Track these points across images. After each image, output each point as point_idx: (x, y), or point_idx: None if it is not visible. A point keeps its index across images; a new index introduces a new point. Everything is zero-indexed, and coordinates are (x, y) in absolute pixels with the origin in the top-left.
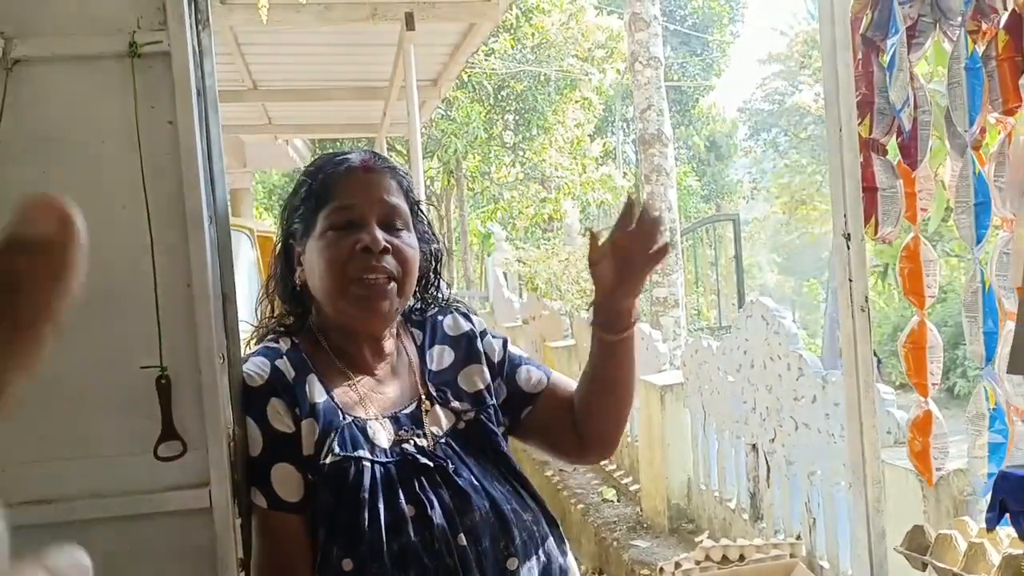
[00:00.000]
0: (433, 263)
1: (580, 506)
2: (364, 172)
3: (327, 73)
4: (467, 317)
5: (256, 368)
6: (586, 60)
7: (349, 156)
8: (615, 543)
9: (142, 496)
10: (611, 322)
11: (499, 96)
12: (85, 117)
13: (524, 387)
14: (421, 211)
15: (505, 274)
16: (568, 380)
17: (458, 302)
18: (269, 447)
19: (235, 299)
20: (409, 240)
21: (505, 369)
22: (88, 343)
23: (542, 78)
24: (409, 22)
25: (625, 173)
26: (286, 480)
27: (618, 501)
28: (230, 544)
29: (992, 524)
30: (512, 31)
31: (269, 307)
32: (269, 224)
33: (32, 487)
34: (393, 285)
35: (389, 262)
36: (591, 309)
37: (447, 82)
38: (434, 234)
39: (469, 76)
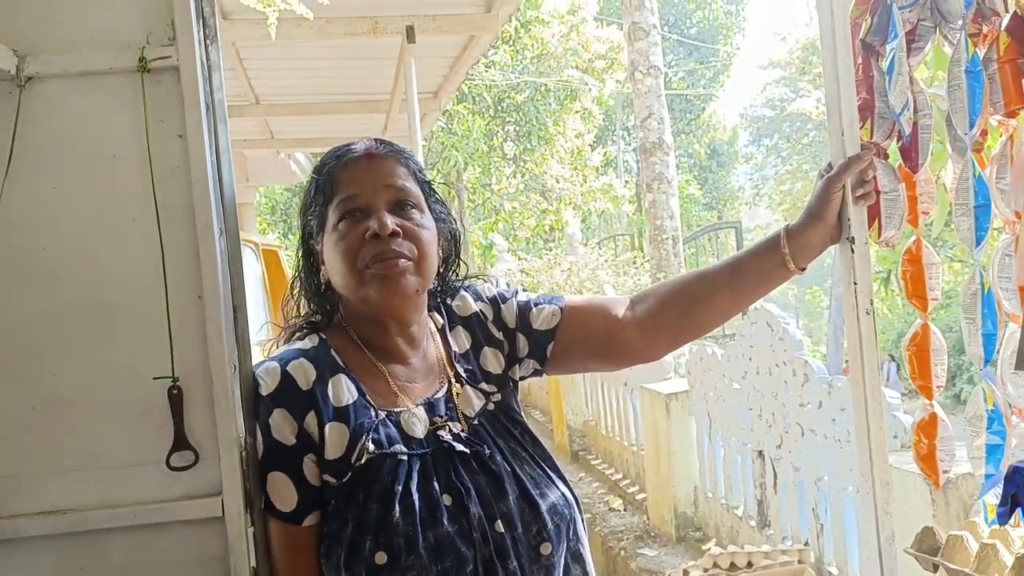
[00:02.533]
0: (453, 244)
1: (586, 516)
2: (367, 160)
3: (329, 87)
4: (477, 295)
5: (265, 375)
6: (586, 71)
7: (352, 146)
8: (622, 552)
9: (155, 506)
10: (803, 254)
11: (499, 108)
12: (96, 132)
13: (541, 327)
14: (435, 192)
15: (507, 285)
16: (585, 297)
17: (468, 278)
18: (267, 454)
19: (245, 309)
20: (422, 221)
21: (520, 324)
22: (100, 354)
23: (542, 89)
24: (409, 35)
25: (626, 182)
26: (278, 489)
27: (624, 510)
28: (243, 553)
29: (1004, 519)
30: (512, 43)
31: (295, 308)
32: (273, 238)
33: (46, 497)
34: (410, 265)
35: (401, 244)
36: (786, 233)
37: (447, 94)
38: (450, 214)
39: (469, 88)
